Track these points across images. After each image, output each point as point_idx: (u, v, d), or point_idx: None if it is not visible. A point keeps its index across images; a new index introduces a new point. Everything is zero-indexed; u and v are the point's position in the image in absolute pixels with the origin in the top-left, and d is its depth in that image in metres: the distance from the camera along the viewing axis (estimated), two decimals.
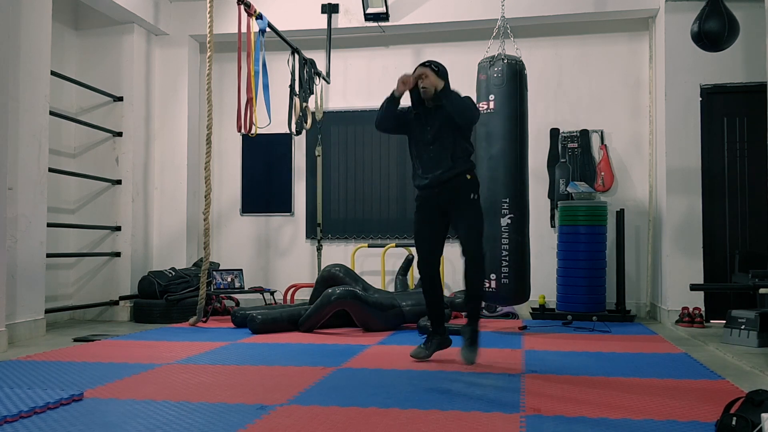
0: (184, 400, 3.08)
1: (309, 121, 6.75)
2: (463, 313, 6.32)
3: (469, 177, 4.10)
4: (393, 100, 4.12)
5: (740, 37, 5.48)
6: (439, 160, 4.07)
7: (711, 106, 6.23)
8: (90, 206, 6.72)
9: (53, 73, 5.67)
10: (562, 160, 6.92)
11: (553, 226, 6.97)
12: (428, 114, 4.13)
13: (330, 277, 5.86)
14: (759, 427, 2.31)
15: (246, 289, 6.75)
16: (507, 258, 5.40)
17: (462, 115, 4.01)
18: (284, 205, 7.58)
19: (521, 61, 5.61)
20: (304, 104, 6.64)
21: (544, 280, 6.66)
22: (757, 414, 2.36)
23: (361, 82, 7.47)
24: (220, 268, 6.95)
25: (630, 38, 6.96)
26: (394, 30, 7.14)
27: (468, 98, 4.10)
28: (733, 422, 2.39)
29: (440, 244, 4.21)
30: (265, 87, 5.95)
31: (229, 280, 6.66)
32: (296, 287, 7.02)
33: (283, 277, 7.47)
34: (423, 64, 4.13)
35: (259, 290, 6.75)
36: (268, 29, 5.97)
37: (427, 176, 4.10)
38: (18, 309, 5.00)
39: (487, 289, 5.49)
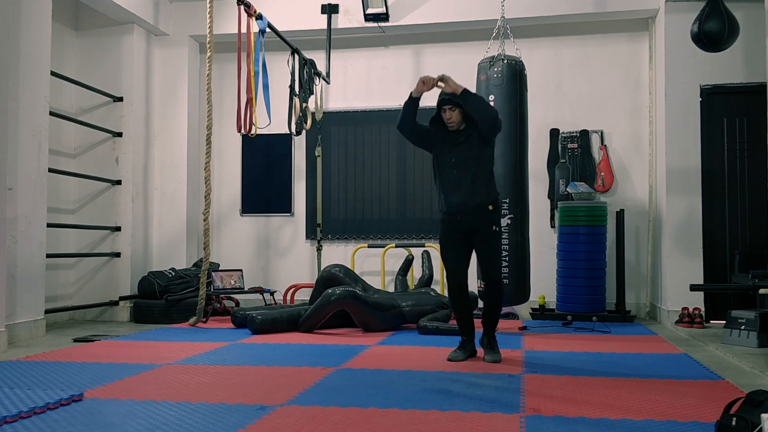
0: (184, 400, 3.08)
1: (309, 121, 6.75)
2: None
3: (491, 208, 4.17)
4: (412, 100, 4.14)
5: (740, 37, 5.48)
6: (460, 185, 4.14)
7: (711, 106, 6.23)
8: (90, 206, 6.72)
9: (53, 74, 5.67)
10: (562, 161, 6.92)
11: (553, 226, 6.97)
12: (454, 137, 4.16)
13: (330, 278, 5.86)
14: (759, 428, 2.30)
15: (246, 289, 6.75)
16: (507, 258, 5.40)
17: (483, 118, 4.05)
18: (284, 206, 7.58)
19: (521, 61, 5.61)
20: (304, 104, 6.64)
21: (544, 280, 6.66)
22: (757, 414, 2.36)
23: (360, 83, 7.47)
24: (220, 268, 6.94)
25: (630, 38, 6.96)
26: (394, 30, 7.14)
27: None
28: (733, 422, 2.39)
29: (466, 260, 4.31)
30: (265, 87, 5.95)
31: (229, 280, 6.66)
32: (296, 287, 7.02)
33: (283, 277, 7.47)
34: (445, 97, 4.13)
35: (259, 290, 6.75)
36: (268, 29, 5.97)
37: (450, 202, 4.18)
38: (18, 309, 5.00)
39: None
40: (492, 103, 5.48)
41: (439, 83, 4.07)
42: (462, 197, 4.13)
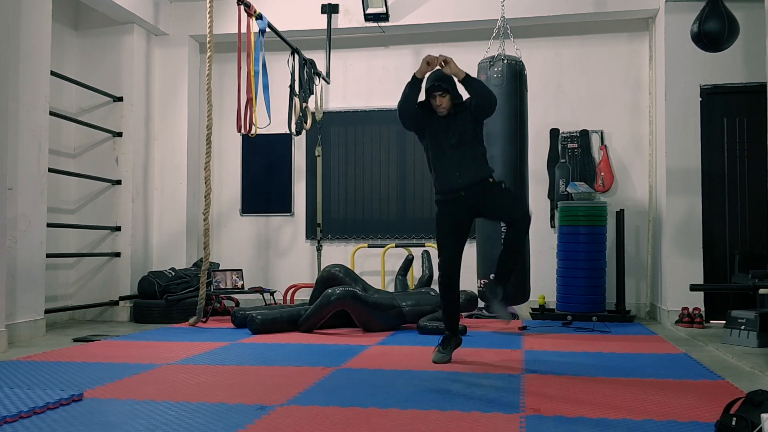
0: (184, 400, 3.08)
1: (309, 121, 6.75)
2: (463, 314, 6.31)
3: (491, 181, 4.16)
4: (416, 81, 4.09)
5: (740, 37, 5.48)
6: (461, 163, 4.10)
7: (711, 106, 6.23)
8: (90, 206, 6.72)
9: (53, 73, 5.67)
10: (562, 161, 6.92)
11: (553, 226, 6.97)
12: (450, 118, 4.13)
13: (330, 278, 5.86)
14: (759, 428, 2.31)
15: (246, 289, 6.75)
16: None
17: (484, 98, 4.07)
18: (284, 205, 7.58)
19: (521, 61, 5.61)
20: (304, 104, 6.64)
21: (544, 280, 6.66)
22: (757, 414, 2.36)
23: (361, 83, 7.47)
24: (220, 268, 6.94)
25: (630, 38, 6.96)
26: (394, 30, 7.14)
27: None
28: (733, 422, 2.39)
29: (461, 248, 4.21)
30: (265, 87, 5.95)
31: (229, 280, 6.65)
32: (296, 287, 7.02)
33: (283, 277, 7.47)
34: (434, 83, 4.12)
35: (259, 290, 6.75)
36: (268, 29, 5.97)
37: (450, 180, 4.12)
38: (18, 309, 5.00)
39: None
40: None
41: (443, 63, 4.03)
42: (467, 174, 4.08)
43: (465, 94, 4.16)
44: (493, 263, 5.36)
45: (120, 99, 6.74)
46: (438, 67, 4.06)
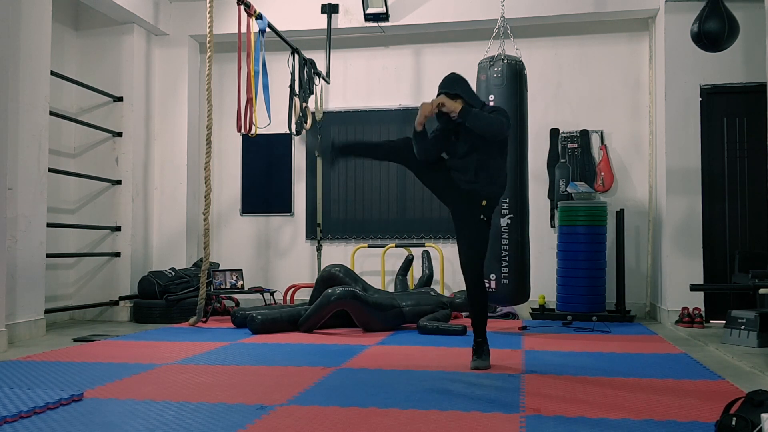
0: (184, 400, 3.08)
1: (309, 121, 6.76)
2: (463, 314, 6.34)
3: (484, 204, 3.95)
4: (416, 135, 3.94)
5: (740, 37, 5.48)
6: (464, 171, 3.96)
7: (711, 106, 6.23)
8: (90, 206, 6.73)
9: (53, 73, 5.67)
10: (562, 161, 6.92)
11: (553, 226, 6.97)
12: (460, 127, 4.03)
13: (330, 278, 5.86)
14: (759, 428, 2.30)
15: (246, 289, 6.75)
16: (507, 258, 5.40)
17: (486, 133, 3.89)
18: (284, 205, 7.58)
19: (521, 61, 5.61)
20: (304, 104, 6.64)
21: (544, 280, 6.66)
22: (756, 414, 2.36)
23: (360, 83, 7.47)
24: (220, 268, 6.94)
25: (630, 38, 6.96)
26: (394, 30, 7.14)
27: (493, 115, 3.91)
28: (733, 422, 2.39)
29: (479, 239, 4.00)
30: (265, 87, 5.95)
31: (230, 280, 6.65)
32: (296, 287, 7.02)
33: (283, 277, 7.47)
34: (442, 91, 4.01)
35: (259, 290, 6.75)
36: (268, 29, 5.97)
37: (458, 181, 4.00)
38: (18, 309, 5.00)
39: (487, 290, 5.49)
40: (492, 104, 5.48)
41: (440, 107, 3.87)
42: (465, 179, 3.93)
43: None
44: (493, 263, 5.39)
45: (120, 99, 6.74)
46: (435, 112, 3.87)
